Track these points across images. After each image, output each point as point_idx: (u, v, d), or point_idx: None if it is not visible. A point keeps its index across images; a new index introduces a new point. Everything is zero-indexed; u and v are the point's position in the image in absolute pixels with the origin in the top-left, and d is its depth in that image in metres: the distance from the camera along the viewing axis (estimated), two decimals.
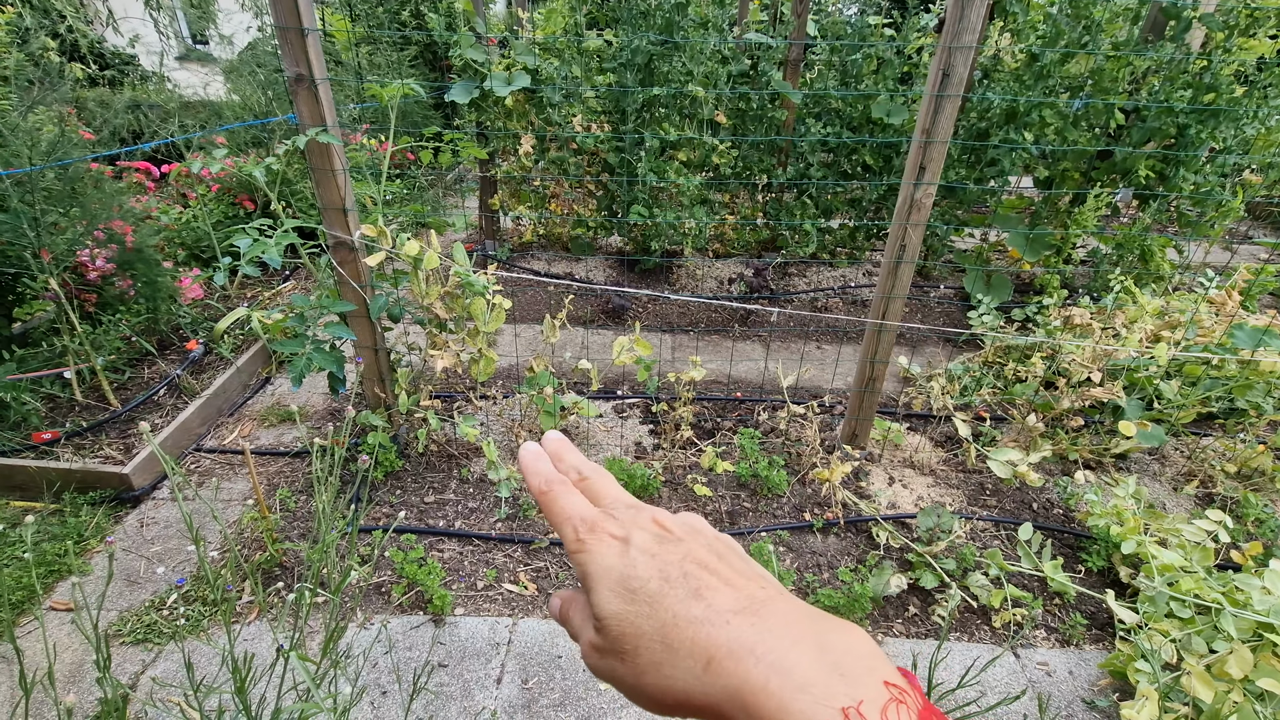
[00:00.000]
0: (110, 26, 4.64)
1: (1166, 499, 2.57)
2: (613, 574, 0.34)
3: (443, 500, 2.42)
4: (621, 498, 0.40)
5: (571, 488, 0.40)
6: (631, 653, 0.32)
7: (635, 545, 0.35)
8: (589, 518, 0.37)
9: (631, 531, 0.36)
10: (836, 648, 0.29)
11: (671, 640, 0.31)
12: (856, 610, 1.98)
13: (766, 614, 0.31)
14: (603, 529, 0.36)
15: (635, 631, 0.32)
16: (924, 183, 2.08)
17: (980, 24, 1.88)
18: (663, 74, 3.60)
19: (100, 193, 2.82)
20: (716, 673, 0.29)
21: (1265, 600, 1.69)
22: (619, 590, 0.33)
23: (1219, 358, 2.59)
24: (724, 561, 0.35)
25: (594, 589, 0.34)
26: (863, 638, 0.30)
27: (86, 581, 2.07)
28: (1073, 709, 1.80)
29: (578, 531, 0.36)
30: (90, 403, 2.72)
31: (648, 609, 0.32)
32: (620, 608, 0.33)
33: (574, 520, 0.37)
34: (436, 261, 2.19)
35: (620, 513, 0.38)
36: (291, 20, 1.83)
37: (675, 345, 3.60)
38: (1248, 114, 3.37)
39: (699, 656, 0.30)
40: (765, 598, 0.32)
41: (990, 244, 4.16)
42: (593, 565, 0.35)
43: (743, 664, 0.29)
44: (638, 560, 0.34)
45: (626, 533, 0.36)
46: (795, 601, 0.32)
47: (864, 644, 0.30)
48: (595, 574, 0.34)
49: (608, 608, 0.33)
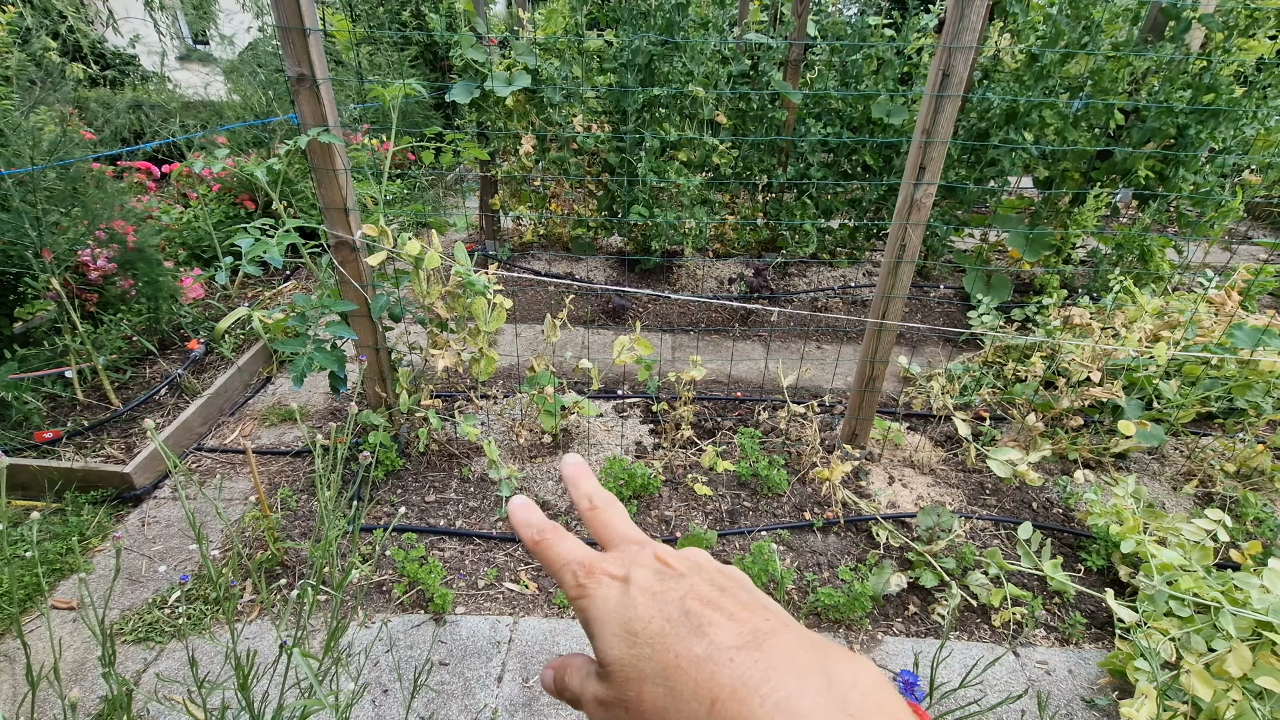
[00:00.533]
0: (111, 27, 4.65)
1: (1166, 498, 2.58)
2: (615, 618, 0.33)
3: (444, 499, 2.43)
4: (628, 533, 0.39)
5: (565, 534, 0.39)
6: (635, 700, 0.30)
7: (635, 584, 0.34)
8: (585, 561, 0.36)
9: (631, 570, 0.35)
10: (843, 680, 0.28)
11: (674, 683, 0.29)
12: (856, 609, 1.98)
13: (770, 648, 0.30)
14: (601, 570, 0.35)
15: (638, 676, 0.31)
16: (924, 183, 2.08)
17: (980, 24, 1.88)
18: (663, 74, 3.61)
19: (102, 193, 2.83)
20: (721, 715, 0.28)
21: (1264, 599, 1.69)
22: (621, 634, 0.32)
23: (1218, 357, 2.60)
24: (727, 595, 0.33)
25: (597, 635, 0.33)
26: (869, 669, 0.29)
27: (89, 580, 2.08)
28: (1072, 708, 1.80)
29: (576, 576, 0.35)
30: (92, 402, 2.73)
31: (650, 650, 0.31)
32: (624, 653, 0.31)
33: (571, 565, 0.36)
34: (438, 261, 2.20)
35: (622, 550, 0.36)
36: (294, 20, 1.83)
37: (675, 345, 3.60)
38: (1247, 114, 3.37)
39: (703, 699, 0.28)
40: (769, 630, 0.31)
41: (990, 244, 4.16)
42: (594, 610, 0.34)
43: (747, 704, 0.27)
44: (638, 600, 0.33)
45: (626, 571, 0.34)
46: (800, 631, 0.31)
47: (871, 676, 0.29)
48: (597, 619, 0.33)
49: (612, 653, 0.32)
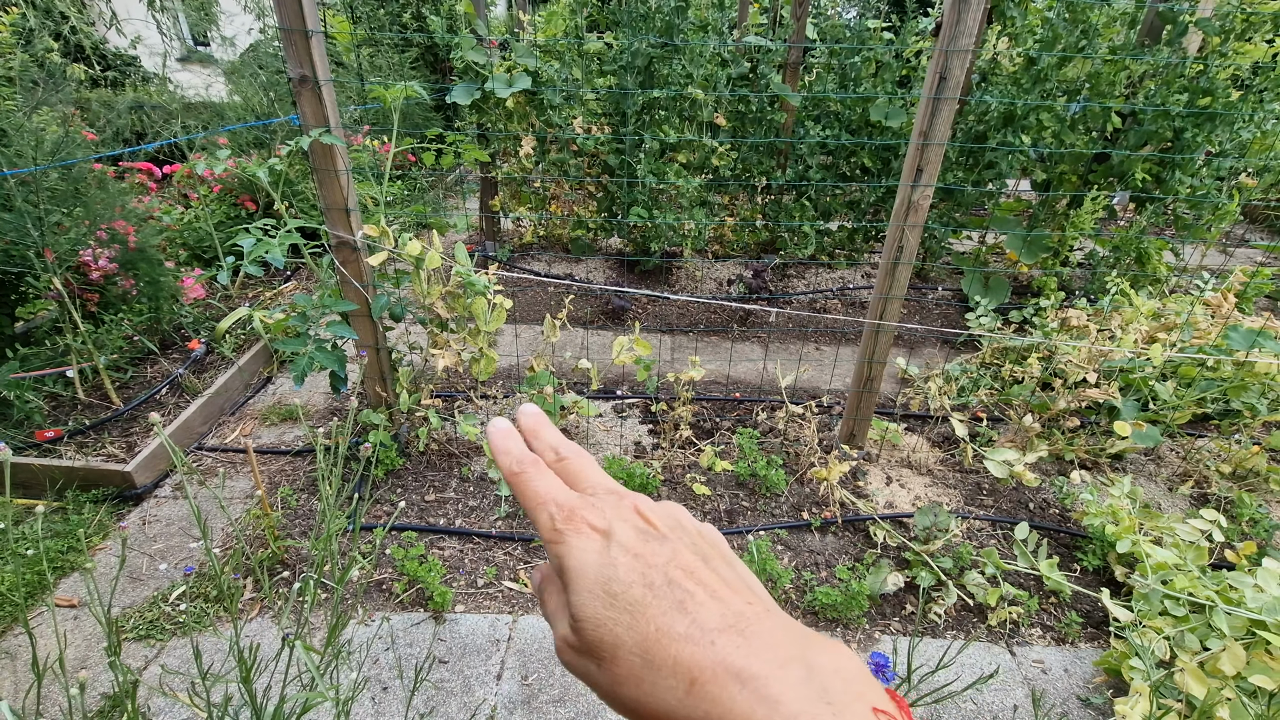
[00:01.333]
0: (113, 28, 4.67)
1: (1162, 499, 2.59)
2: (592, 573, 0.32)
3: (443, 499, 2.44)
4: (603, 482, 0.38)
5: (546, 469, 0.37)
6: (610, 660, 0.30)
7: (617, 541, 0.33)
8: (566, 504, 0.35)
9: (613, 523, 0.33)
10: (824, 670, 0.28)
11: (653, 656, 0.29)
12: (854, 608, 1.99)
13: (753, 634, 0.29)
14: (581, 518, 0.34)
15: (614, 640, 0.30)
16: (921, 184, 2.10)
17: (977, 28, 1.90)
18: (663, 76, 3.62)
19: (103, 193, 2.84)
20: (699, 696, 0.28)
21: (1258, 598, 1.71)
22: (598, 593, 0.31)
23: (1214, 359, 2.61)
24: (709, 567, 0.33)
25: (571, 586, 0.32)
26: (850, 658, 0.29)
27: (90, 579, 2.09)
28: (1068, 706, 1.82)
29: (554, 519, 0.34)
30: (93, 401, 2.74)
31: (629, 618, 0.30)
32: (599, 611, 0.31)
33: (549, 506, 0.35)
34: (438, 261, 2.21)
35: (601, 500, 0.35)
36: (296, 22, 1.85)
37: (674, 345, 3.62)
38: (1243, 118, 3.39)
39: (681, 676, 0.28)
40: (753, 615, 0.30)
41: (988, 246, 4.18)
42: (571, 559, 0.32)
43: (727, 690, 0.28)
44: (619, 560, 0.32)
45: (608, 524, 0.33)
46: (782, 617, 0.31)
47: (851, 665, 0.29)
48: (573, 569, 0.32)
49: (585, 610, 0.31)
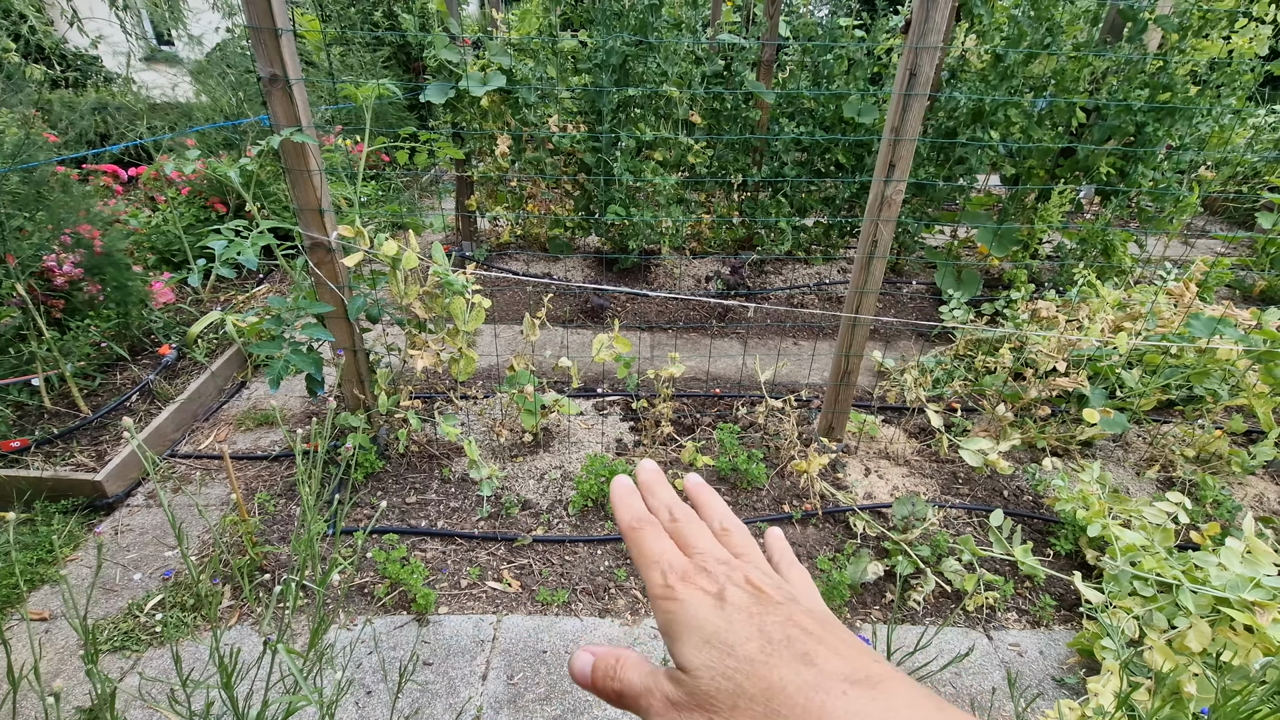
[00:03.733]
0: (75, 26, 4.55)
1: (1130, 483, 2.66)
2: (708, 626, 0.32)
3: (424, 500, 2.42)
4: (713, 550, 0.38)
5: (661, 530, 0.38)
6: (728, 710, 0.29)
7: (730, 602, 0.33)
8: (679, 566, 0.35)
9: (726, 587, 0.34)
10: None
11: (778, 705, 0.28)
12: (835, 598, 2.02)
13: (887, 689, 0.28)
14: (694, 581, 0.34)
15: (733, 689, 0.29)
16: (894, 180, 2.13)
17: (945, 25, 1.94)
18: (638, 74, 3.63)
19: (67, 196, 2.77)
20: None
21: (1222, 576, 1.77)
22: (713, 644, 0.31)
23: (1178, 347, 2.69)
24: (826, 629, 0.32)
25: (680, 638, 0.32)
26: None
27: (62, 590, 2.04)
28: (1043, 686, 1.86)
29: (665, 577, 0.34)
30: (60, 410, 2.67)
31: (748, 667, 0.30)
32: (716, 661, 0.30)
33: (663, 565, 0.35)
34: (415, 261, 2.19)
35: (713, 566, 0.36)
36: (265, 21, 1.82)
37: (654, 343, 3.63)
38: (1201, 113, 3.50)
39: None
40: (881, 673, 0.29)
41: (960, 240, 4.26)
42: (683, 614, 0.33)
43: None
44: (734, 617, 0.32)
45: (720, 588, 0.34)
46: (913, 682, 0.30)
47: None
48: (683, 623, 0.32)
49: (697, 659, 0.31)
